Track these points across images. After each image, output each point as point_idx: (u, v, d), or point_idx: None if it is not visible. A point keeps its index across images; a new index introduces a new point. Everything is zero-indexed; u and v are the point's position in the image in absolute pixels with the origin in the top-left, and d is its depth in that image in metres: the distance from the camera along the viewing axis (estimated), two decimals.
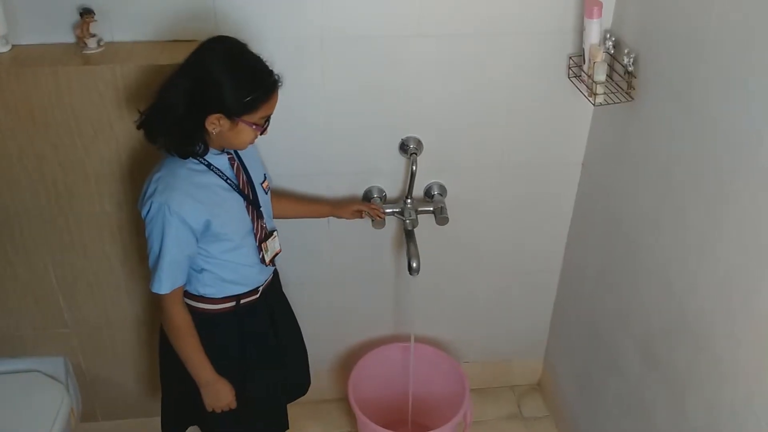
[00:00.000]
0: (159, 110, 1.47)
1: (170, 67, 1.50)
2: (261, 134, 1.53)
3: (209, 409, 1.71)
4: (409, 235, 2.01)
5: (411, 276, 1.95)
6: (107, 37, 1.74)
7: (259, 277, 1.72)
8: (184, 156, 1.50)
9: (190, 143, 1.48)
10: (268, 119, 1.51)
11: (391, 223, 2.13)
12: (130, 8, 1.71)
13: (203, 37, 1.48)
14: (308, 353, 2.02)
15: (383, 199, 2.08)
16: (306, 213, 1.98)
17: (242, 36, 1.51)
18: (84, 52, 1.70)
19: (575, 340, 2.25)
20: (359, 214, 1.98)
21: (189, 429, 1.94)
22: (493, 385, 2.58)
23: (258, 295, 1.73)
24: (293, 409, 1.98)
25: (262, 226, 1.67)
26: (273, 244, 1.72)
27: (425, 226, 2.08)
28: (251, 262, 1.67)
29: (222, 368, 1.68)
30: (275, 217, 1.79)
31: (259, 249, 1.67)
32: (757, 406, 1.31)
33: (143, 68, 1.66)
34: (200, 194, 1.51)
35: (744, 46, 1.30)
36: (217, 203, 1.54)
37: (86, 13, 1.67)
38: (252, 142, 1.53)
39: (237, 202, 1.60)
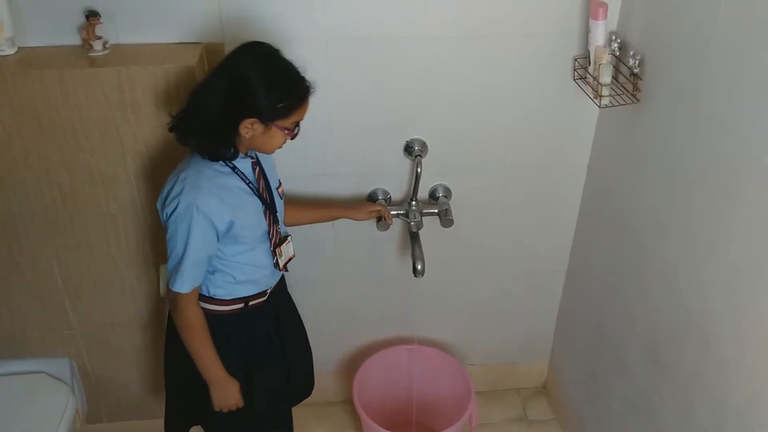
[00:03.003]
0: (193, 113, 1.49)
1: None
2: (291, 139, 1.55)
3: (217, 408, 1.72)
4: (413, 237, 2.01)
5: (416, 278, 1.94)
6: (113, 40, 1.74)
7: (269, 280, 1.73)
8: (216, 158, 1.52)
9: (223, 146, 1.50)
10: (298, 124, 1.53)
11: (396, 225, 2.13)
12: (136, 10, 1.72)
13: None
14: (313, 355, 2.01)
15: (388, 201, 2.08)
16: (318, 218, 1.98)
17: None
18: (90, 54, 1.71)
19: (581, 343, 2.25)
20: (375, 214, 1.98)
21: (192, 429, 1.94)
22: (498, 388, 2.58)
23: (265, 298, 1.74)
24: (297, 411, 1.98)
25: (277, 230, 1.68)
26: (287, 249, 1.74)
27: (430, 228, 2.08)
28: (263, 264, 1.68)
29: (227, 369, 1.68)
30: (288, 225, 1.80)
31: (274, 254, 1.68)
32: (764, 407, 1.30)
33: (149, 70, 1.66)
34: (225, 195, 1.53)
35: (750, 46, 1.29)
36: (239, 205, 1.56)
37: (92, 15, 1.68)
38: (281, 147, 1.55)
39: (256, 206, 1.62)
